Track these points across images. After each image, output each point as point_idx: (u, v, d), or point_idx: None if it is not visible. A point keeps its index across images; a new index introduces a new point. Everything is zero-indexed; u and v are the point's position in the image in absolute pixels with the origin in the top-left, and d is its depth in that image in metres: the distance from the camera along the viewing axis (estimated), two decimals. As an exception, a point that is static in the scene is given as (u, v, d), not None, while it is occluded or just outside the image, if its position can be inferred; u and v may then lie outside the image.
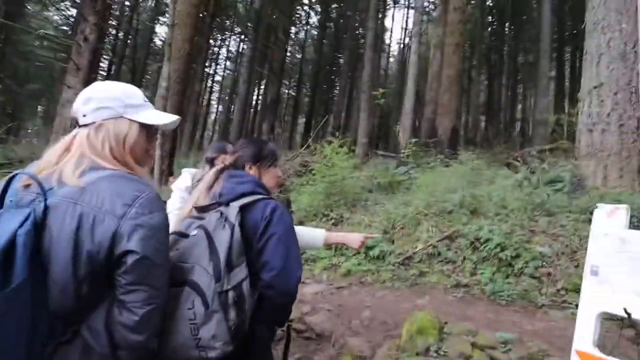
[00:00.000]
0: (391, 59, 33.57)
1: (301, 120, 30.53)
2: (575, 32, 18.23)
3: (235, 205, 1.25)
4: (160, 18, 23.35)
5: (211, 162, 2.17)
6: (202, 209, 1.32)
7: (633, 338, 2.11)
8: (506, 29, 23.06)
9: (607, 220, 2.21)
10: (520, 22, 21.49)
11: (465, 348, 2.75)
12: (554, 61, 19.07)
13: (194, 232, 1.21)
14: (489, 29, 23.69)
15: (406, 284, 4.62)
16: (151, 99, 2.24)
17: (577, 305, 3.88)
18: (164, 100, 6.89)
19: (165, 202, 1.75)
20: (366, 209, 6.91)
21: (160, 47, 24.53)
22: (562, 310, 3.74)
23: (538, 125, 13.69)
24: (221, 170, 1.46)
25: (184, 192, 2.18)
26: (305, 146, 13.00)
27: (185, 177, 2.27)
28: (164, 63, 7.24)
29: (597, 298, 2.09)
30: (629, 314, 1.88)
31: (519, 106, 23.89)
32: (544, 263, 4.32)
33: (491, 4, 22.47)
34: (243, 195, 1.31)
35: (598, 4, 5.37)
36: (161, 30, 25.39)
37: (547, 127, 13.41)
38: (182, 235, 1.23)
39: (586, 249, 4.60)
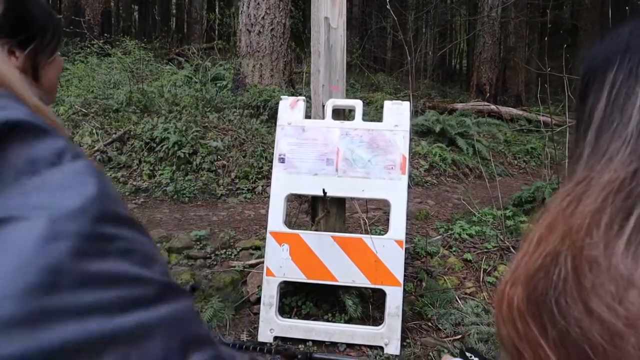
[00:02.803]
0: None
1: None
2: None
3: None
4: None
5: None
6: None
7: (307, 210, 2.58)
8: None
9: (290, 111, 2.43)
10: None
11: (161, 256, 2.54)
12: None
13: None
14: None
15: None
16: None
17: (249, 190, 4.40)
18: None
19: None
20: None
21: None
22: (237, 196, 4.15)
23: (194, 23, 13.77)
24: None
25: None
26: None
27: None
28: None
29: (285, 183, 2.34)
30: (325, 193, 2.20)
31: (174, 0, 23.09)
32: (218, 156, 4.57)
33: None
34: None
35: None
36: None
37: (202, 26, 13.76)
38: None
39: (251, 140, 5.16)
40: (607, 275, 0.46)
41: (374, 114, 5.78)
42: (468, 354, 0.92)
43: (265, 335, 2.17)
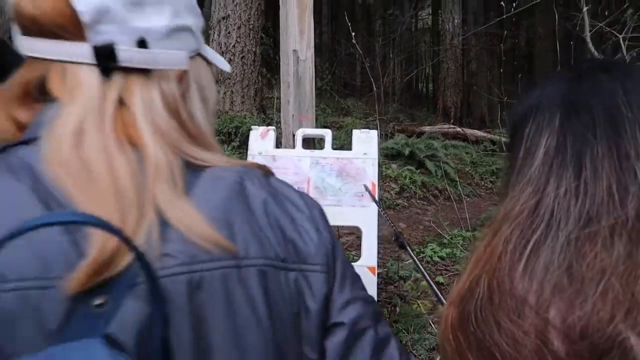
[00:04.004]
0: None
1: None
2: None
3: None
4: None
5: None
6: None
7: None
8: None
9: (261, 141, 2.44)
10: None
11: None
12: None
13: None
14: None
15: None
16: None
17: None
18: None
19: None
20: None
21: None
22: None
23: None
24: None
25: None
26: None
27: None
28: None
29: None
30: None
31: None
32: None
33: None
34: None
35: None
36: None
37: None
38: None
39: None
40: (509, 293, 0.52)
41: (344, 137, 5.88)
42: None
43: None
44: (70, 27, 0.41)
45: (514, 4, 3.32)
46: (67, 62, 0.42)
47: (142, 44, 0.43)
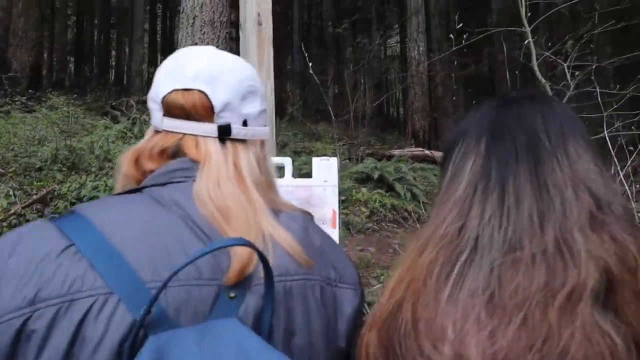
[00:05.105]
0: None
1: None
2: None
3: None
4: None
5: None
6: None
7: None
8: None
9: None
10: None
11: None
12: (147, 14, 19.34)
13: None
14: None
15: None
16: None
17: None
18: None
19: None
20: None
21: None
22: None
23: (135, 75, 13.61)
24: None
25: None
26: None
27: None
28: None
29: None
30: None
31: (113, 52, 22.79)
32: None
33: None
34: None
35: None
36: None
37: (143, 78, 13.62)
38: None
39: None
40: (434, 320, 0.51)
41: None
42: None
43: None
44: (205, 114, 0.63)
45: (465, 36, 3.48)
46: (200, 135, 0.63)
47: (245, 123, 0.66)
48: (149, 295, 0.48)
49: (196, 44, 5.72)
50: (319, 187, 2.41)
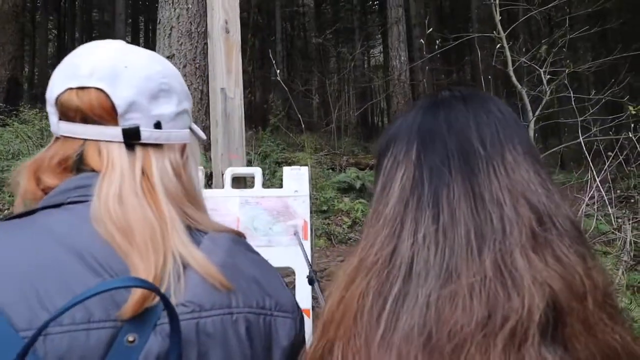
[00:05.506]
0: None
1: None
2: (147, 3, 19.11)
3: None
4: None
5: None
6: None
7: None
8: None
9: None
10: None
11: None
12: (129, 26, 19.26)
13: None
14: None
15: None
16: None
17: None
18: None
19: None
20: None
21: None
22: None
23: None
24: None
25: None
26: None
27: None
28: None
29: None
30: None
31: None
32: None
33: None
34: None
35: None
36: None
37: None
38: None
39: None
40: None
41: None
42: None
43: None
44: (106, 116, 0.55)
45: (438, 41, 3.49)
46: (102, 141, 0.55)
47: (157, 125, 0.58)
48: (21, 345, 0.41)
49: (174, 55, 5.65)
50: (289, 198, 2.34)
